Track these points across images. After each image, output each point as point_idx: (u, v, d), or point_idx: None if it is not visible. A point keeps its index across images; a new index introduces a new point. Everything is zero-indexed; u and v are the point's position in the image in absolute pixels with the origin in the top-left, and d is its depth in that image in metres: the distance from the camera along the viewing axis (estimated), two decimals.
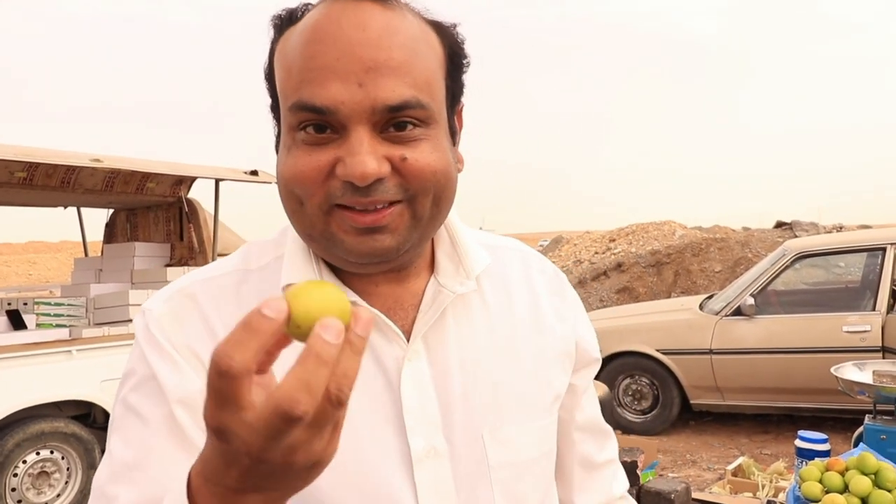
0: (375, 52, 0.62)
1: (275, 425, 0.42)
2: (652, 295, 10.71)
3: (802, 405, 5.40)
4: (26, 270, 40.27)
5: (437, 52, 0.68)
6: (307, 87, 0.62)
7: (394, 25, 0.63)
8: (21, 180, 4.94)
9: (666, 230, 14.14)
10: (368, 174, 0.61)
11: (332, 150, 0.63)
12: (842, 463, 1.85)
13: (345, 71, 0.61)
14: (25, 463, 4.25)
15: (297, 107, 0.63)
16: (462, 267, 0.75)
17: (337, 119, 0.62)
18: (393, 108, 0.62)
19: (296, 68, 0.64)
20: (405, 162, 0.63)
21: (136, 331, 0.72)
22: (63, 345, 4.42)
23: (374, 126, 0.63)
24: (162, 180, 5.56)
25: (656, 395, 5.83)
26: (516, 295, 0.80)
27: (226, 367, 0.42)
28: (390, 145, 0.63)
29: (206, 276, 0.74)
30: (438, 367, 0.72)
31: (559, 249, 15.45)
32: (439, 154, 0.66)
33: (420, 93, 0.64)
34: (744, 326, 5.51)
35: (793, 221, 12.11)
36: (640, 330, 5.96)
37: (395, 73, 0.62)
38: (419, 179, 0.64)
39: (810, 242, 6.00)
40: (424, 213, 0.66)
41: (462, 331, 0.74)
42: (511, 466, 0.73)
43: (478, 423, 0.72)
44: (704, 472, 4.91)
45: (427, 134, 0.65)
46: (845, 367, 2.63)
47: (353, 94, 0.61)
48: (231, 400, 0.42)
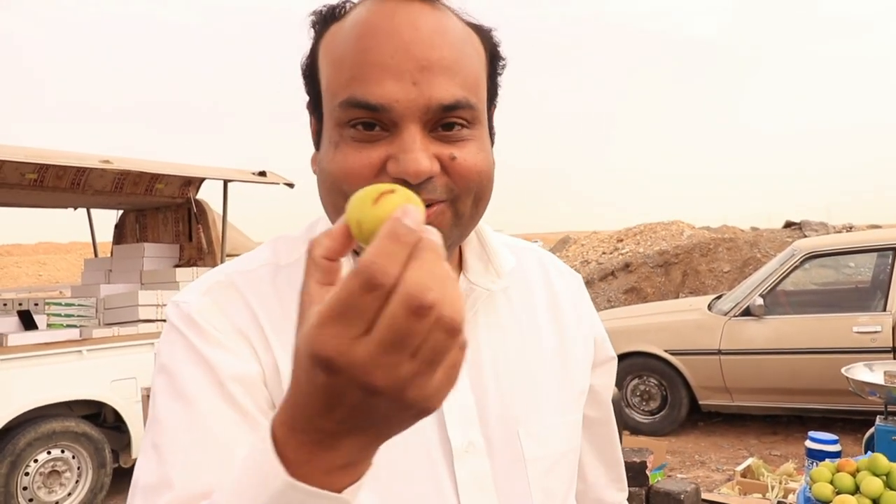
0: (429, 51, 0.62)
1: (402, 328, 0.38)
2: (660, 295, 10.68)
3: (812, 406, 5.37)
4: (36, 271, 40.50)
5: (481, 53, 0.69)
6: (360, 84, 0.62)
7: (444, 25, 0.64)
8: (32, 182, 4.98)
9: (674, 230, 14.10)
10: (422, 171, 0.62)
11: (384, 147, 0.63)
12: (853, 464, 1.84)
13: (399, 69, 0.62)
14: (37, 462, 4.28)
15: (348, 103, 0.63)
16: (492, 266, 0.76)
17: (390, 117, 0.62)
18: (446, 108, 0.63)
19: (347, 64, 0.64)
20: (454, 161, 0.64)
21: (171, 323, 0.70)
22: (73, 345, 4.45)
23: (426, 125, 0.63)
24: (171, 181, 5.58)
25: (664, 396, 5.81)
26: (537, 295, 0.82)
27: (380, 280, 0.38)
28: (440, 144, 0.64)
29: (244, 269, 0.74)
30: (472, 363, 0.73)
31: (566, 250, 15.42)
32: (484, 154, 0.67)
33: (469, 93, 0.65)
34: (753, 327, 5.49)
35: (802, 221, 12.04)
36: (648, 330, 5.94)
37: (447, 73, 0.63)
38: (465, 179, 0.65)
39: (820, 242, 5.97)
40: (465, 212, 0.67)
41: (491, 328, 0.76)
42: (544, 460, 0.74)
43: (513, 418, 0.73)
44: (713, 472, 4.89)
45: (473, 134, 0.66)
46: (856, 367, 2.62)
47: (407, 93, 0.61)
48: (365, 318, 0.39)
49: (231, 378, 0.65)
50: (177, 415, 0.64)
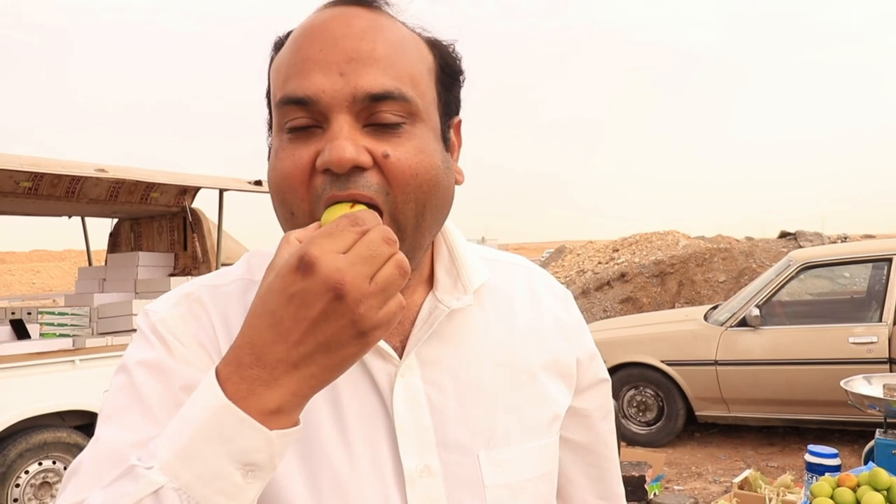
0: (358, 44, 0.62)
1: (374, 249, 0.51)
2: (656, 305, 10.67)
3: (809, 417, 5.36)
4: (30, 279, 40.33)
5: (425, 56, 0.68)
6: (291, 81, 0.63)
7: (378, 24, 0.65)
8: (26, 190, 4.95)
9: (669, 240, 14.11)
10: (346, 159, 0.60)
11: (314, 143, 0.63)
12: (853, 478, 1.83)
13: (327, 62, 0.62)
14: (28, 473, 4.23)
15: (282, 101, 0.64)
16: (460, 281, 0.73)
17: (318, 109, 0.62)
18: (374, 97, 0.62)
19: (284, 67, 0.65)
20: (387, 159, 0.62)
21: (138, 329, 0.72)
22: (66, 354, 4.41)
23: (357, 116, 0.62)
24: (166, 190, 5.56)
25: (661, 407, 5.80)
26: (519, 311, 0.78)
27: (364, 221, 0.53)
28: (373, 139, 0.62)
29: (213, 284, 0.74)
30: (433, 383, 0.70)
31: (562, 259, 15.42)
32: (424, 156, 0.64)
33: (403, 85, 0.63)
34: (749, 337, 5.48)
35: (797, 231, 12.07)
36: (644, 341, 5.93)
37: (377, 64, 0.62)
38: (400, 180, 0.62)
39: (815, 253, 5.98)
40: (408, 223, 0.64)
41: (459, 346, 0.72)
42: (506, 487, 0.71)
43: (473, 442, 0.70)
44: (710, 484, 4.87)
45: (412, 132, 0.64)
46: (855, 380, 2.61)
47: (333, 83, 0.61)
48: (347, 241, 0.51)
49: (182, 388, 0.65)
50: (130, 414, 0.64)
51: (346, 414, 0.67)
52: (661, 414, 5.80)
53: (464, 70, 0.72)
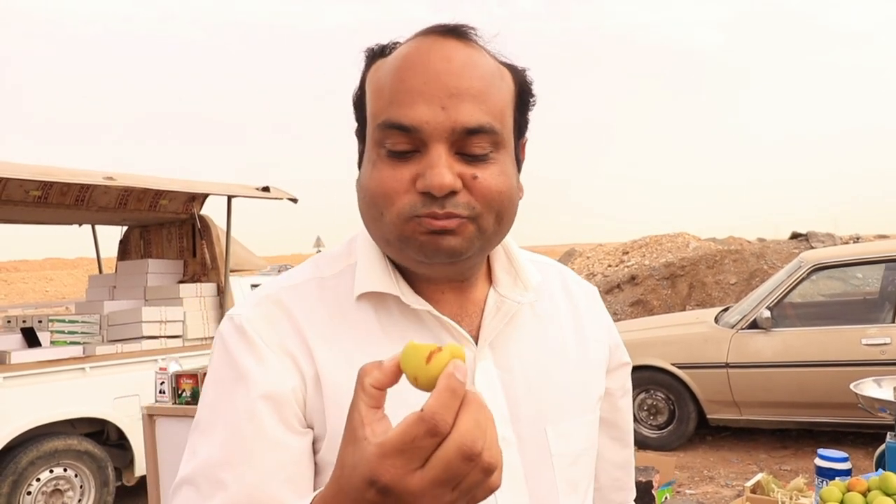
0: (458, 81, 0.70)
1: (452, 468, 0.48)
2: (666, 308, 10.62)
3: (822, 420, 5.31)
4: (43, 287, 40.65)
5: (510, 87, 0.76)
6: (396, 108, 0.70)
7: (474, 59, 0.72)
8: (36, 199, 4.99)
9: (679, 242, 14.04)
10: (445, 185, 0.69)
11: (413, 166, 0.71)
12: (864, 483, 1.80)
13: (430, 95, 0.70)
14: (39, 481, 4.26)
15: (385, 125, 0.71)
16: (520, 280, 0.83)
17: (420, 137, 0.70)
18: (470, 131, 0.70)
19: (386, 91, 0.72)
20: (475, 180, 0.71)
21: (222, 334, 0.78)
22: (77, 362, 4.44)
23: (452, 146, 0.70)
24: (175, 197, 5.59)
25: (672, 410, 5.76)
26: (560, 306, 0.89)
27: (440, 429, 0.47)
28: (464, 164, 0.71)
29: (290, 284, 0.81)
30: (504, 368, 0.80)
31: (572, 263, 15.37)
32: (505, 178, 0.74)
33: (493, 119, 0.72)
34: (760, 340, 5.43)
35: (808, 232, 11.98)
36: (654, 343, 5.90)
37: (473, 100, 0.70)
38: (486, 198, 0.72)
39: (827, 254, 5.92)
40: (488, 227, 0.74)
41: (521, 338, 0.83)
42: (568, 455, 0.82)
43: (541, 417, 0.80)
44: (722, 488, 4.83)
45: (496, 158, 0.73)
46: (864, 383, 2.58)
47: (436, 115, 0.69)
48: (422, 456, 0.48)
49: (261, 396, 0.72)
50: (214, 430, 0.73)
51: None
52: (673, 417, 5.76)
53: (536, 94, 0.80)
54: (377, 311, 0.78)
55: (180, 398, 3.30)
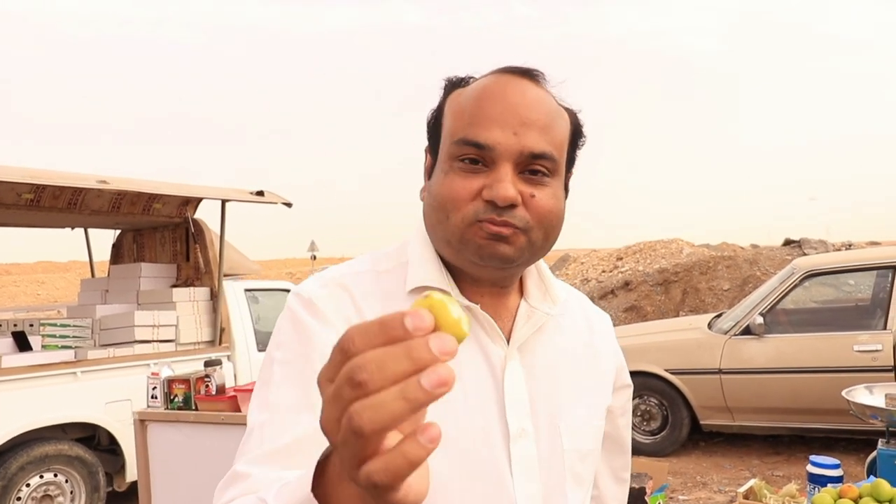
0: (529, 113, 0.82)
1: (337, 388, 0.43)
2: (660, 314, 10.63)
3: (814, 426, 5.32)
4: (35, 290, 40.45)
5: (567, 125, 0.88)
6: (474, 129, 0.82)
7: (543, 98, 0.85)
8: (28, 202, 4.96)
9: (673, 248, 14.08)
10: (509, 197, 0.79)
11: (482, 179, 0.82)
12: (855, 490, 1.81)
13: (505, 122, 0.81)
14: (29, 486, 4.23)
15: (463, 141, 0.82)
16: (549, 295, 0.94)
17: (491, 155, 0.81)
18: (534, 156, 0.82)
19: (467, 114, 0.83)
20: (533, 199, 0.82)
21: (290, 306, 0.86)
22: (68, 366, 4.41)
23: (517, 166, 0.82)
24: (168, 201, 5.57)
25: (665, 416, 5.77)
26: (578, 324, 0.99)
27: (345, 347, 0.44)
28: (525, 184, 0.82)
29: (352, 272, 0.91)
30: (528, 368, 0.89)
31: (566, 268, 15.39)
32: (556, 201, 0.85)
33: (554, 149, 0.83)
34: (753, 346, 5.45)
35: (801, 239, 12.03)
36: (648, 349, 5.91)
37: (540, 131, 0.82)
38: (539, 215, 0.83)
39: (820, 261, 5.95)
40: (537, 241, 0.84)
41: (545, 344, 0.92)
42: (577, 452, 0.90)
43: (556, 413, 0.89)
44: (715, 494, 4.83)
45: (551, 183, 0.84)
46: (856, 390, 2.58)
47: (508, 139, 0.81)
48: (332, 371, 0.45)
49: (322, 356, 0.78)
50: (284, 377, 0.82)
51: (464, 377, 0.84)
52: (666, 423, 5.77)
53: (586, 135, 0.91)
54: None
55: (172, 403, 3.28)
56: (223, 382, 3.27)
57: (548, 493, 0.86)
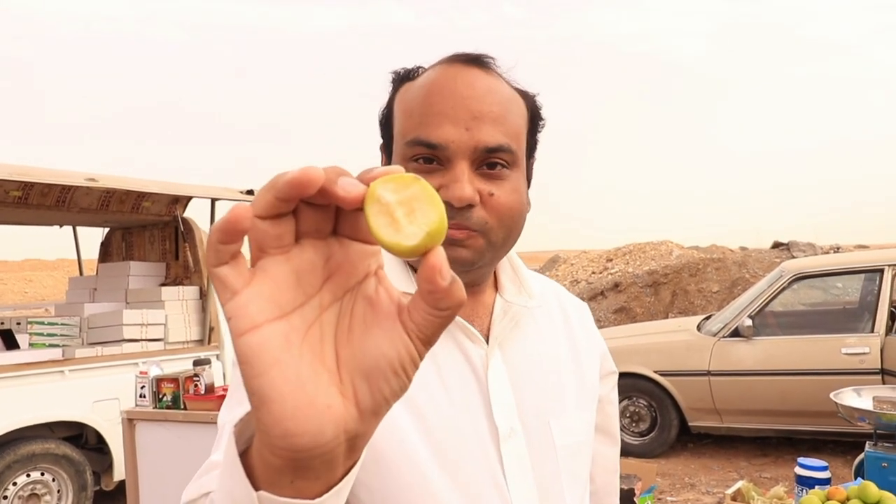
0: (480, 105, 0.78)
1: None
2: (649, 315, 10.68)
3: (801, 428, 5.36)
4: (22, 288, 40.11)
5: (523, 112, 0.84)
6: (425, 128, 0.78)
7: (494, 86, 0.81)
8: (16, 199, 4.92)
9: (663, 250, 14.14)
10: (465, 197, 0.76)
11: (437, 178, 0.78)
12: (843, 492, 1.82)
13: (456, 117, 0.78)
14: (16, 485, 4.19)
15: (414, 142, 0.79)
16: (524, 288, 0.92)
17: (445, 154, 0.78)
18: (490, 150, 0.78)
19: (416, 112, 0.80)
20: (491, 198, 0.79)
21: None
22: (55, 365, 4.37)
23: (473, 163, 0.78)
24: (158, 199, 5.54)
25: (654, 418, 5.78)
26: (555, 315, 0.96)
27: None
28: (482, 181, 0.79)
29: None
30: (511, 365, 0.86)
31: (556, 269, 15.42)
32: (517, 195, 0.82)
33: (511, 140, 0.80)
34: (742, 348, 5.48)
35: (790, 242, 12.11)
36: (637, 351, 5.92)
37: (493, 123, 0.79)
38: (498, 213, 0.80)
39: (808, 263, 5.99)
40: (497, 241, 0.81)
41: (524, 339, 0.89)
42: (570, 447, 0.87)
43: (545, 411, 0.86)
44: (703, 495, 4.86)
45: (511, 176, 0.81)
46: (844, 392, 2.60)
47: (460, 136, 0.77)
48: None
49: None
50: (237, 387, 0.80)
51: (447, 380, 0.82)
52: (655, 424, 5.79)
53: (544, 118, 0.88)
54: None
55: (161, 403, 3.26)
56: (212, 382, 3.26)
57: (544, 493, 0.84)
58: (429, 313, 0.38)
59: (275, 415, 0.35)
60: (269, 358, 0.36)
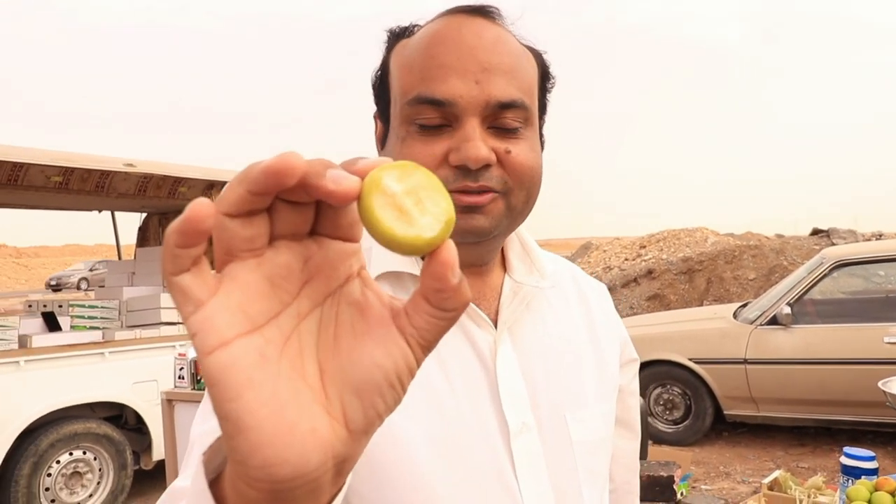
0: (490, 56, 0.70)
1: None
2: (683, 303, 10.54)
3: (841, 418, 5.25)
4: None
5: (534, 67, 0.77)
6: (428, 83, 0.70)
7: (504, 37, 0.73)
8: (57, 185, 5.03)
9: (698, 237, 13.92)
10: (481, 157, 0.68)
11: (445, 140, 0.70)
12: (892, 483, 1.77)
13: (464, 69, 0.69)
14: (59, 463, 4.31)
15: (417, 100, 0.70)
16: (535, 267, 0.83)
17: (453, 112, 0.69)
18: (503, 105, 0.70)
19: (417, 67, 0.71)
20: (509, 155, 0.71)
21: None
22: (96, 347, 4.48)
23: (484, 120, 0.70)
24: (193, 185, 5.62)
25: (688, 405, 5.72)
26: (570, 297, 0.88)
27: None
28: (496, 139, 0.71)
29: None
30: (522, 352, 0.78)
31: (588, 256, 15.30)
32: (534, 154, 0.74)
33: (525, 95, 0.72)
34: (780, 336, 5.38)
35: (830, 229, 11.83)
36: (671, 338, 5.85)
37: (506, 76, 0.70)
38: (518, 173, 0.72)
39: (849, 250, 5.84)
40: (517, 205, 0.74)
41: (536, 324, 0.81)
42: (588, 443, 0.79)
43: (560, 403, 0.78)
44: (738, 484, 4.79)
45: (526, 134, 0.73)
46: (893, 381, 2.53)
47: (470, 90, 0.69)
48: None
49: None
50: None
51: (450, 371, 0.74)
52: (689, 412, 5.72)
53: (554, 76, 0.80)
54: (395, 291, 0.76)
55: (199, 384, 3.32)
56: None
57: (560, 493, 0.75)
58: (433, 315, 0.35)
59: (252, 443, 0.31)
60: (243, 378, 0.31)
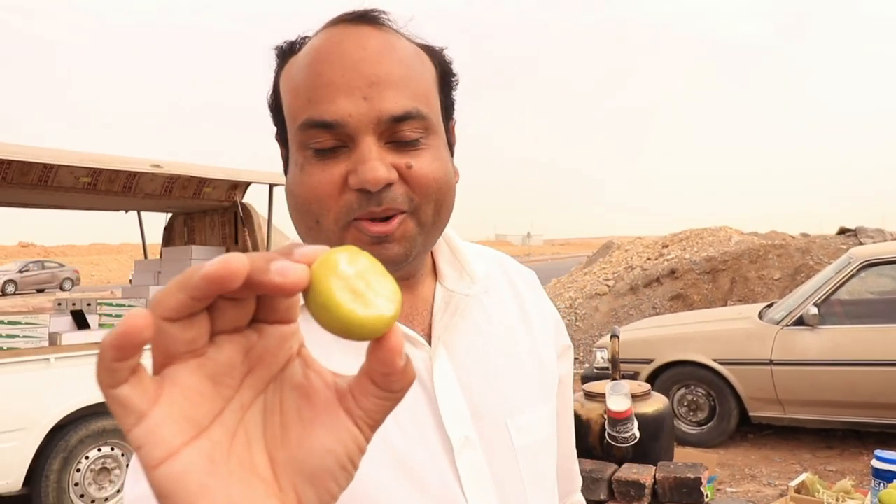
0: (376, 68, 0.66)
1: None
2: (707, 303, 10.42)
3: (870, 420, 5.17)
4: (89, 272, 41.80)
5: (430, 69, 0.73)
6: (316, 105, 0.66)
7: (390, 44, 0.69)
8: (86, 185, 5.11)
9: (721, 236, 13.76)
10: (380, 178, 0.65)
11: (343, 163, 0.67)
12: None
13: (349, 86, 0.66)
14: (88, 459, 4.38)
15: (306, 124, 0.67)
16: (465, 272, 0.81)
17: (345, 132, 0.66)
18: (396, 119, 0.66)
19: (302, 89, 0.68)
20: (410, 170, 0.68)
21: None
22: None
23: (380, 136, 0.67)
24: (218, 185, 5.68)
25: (713, 407, 5.66)
26: (504, 296, 0.86)
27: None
28: (396, 154, 0.68)
29: None
30: (459, 365, 0.76)
31: (610, 255, 15.20)
32: (440, 163, 0.71)
33: (419, 104, 0.68)
34: (807, 337, 5.30)
35: (857, 228, 11.62)
36: (695, 339, 5.80)
37: (396, 86, 0.67)
38: (423, 187, 0.68)
39: (878, 250, 5.75)
40: (428, 220, 0.70)
41: (471, 332, 0.79)
42: (531, 448, 0.78)
43: (501, 412, 0.77)
44: (764, 487, 4.74)
45: (428, 144, 0.70)
46: None
47: (359, 107, 0.65)
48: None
49: None
50: None
51: None
52: (713, 414, 5.67)
53: (457, 73, 0.77)
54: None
55: None
56: None
57: (504, 500, 0.75)
58: (380, 397, 0.35)
59: None
60: (194, 488, 0.30)
